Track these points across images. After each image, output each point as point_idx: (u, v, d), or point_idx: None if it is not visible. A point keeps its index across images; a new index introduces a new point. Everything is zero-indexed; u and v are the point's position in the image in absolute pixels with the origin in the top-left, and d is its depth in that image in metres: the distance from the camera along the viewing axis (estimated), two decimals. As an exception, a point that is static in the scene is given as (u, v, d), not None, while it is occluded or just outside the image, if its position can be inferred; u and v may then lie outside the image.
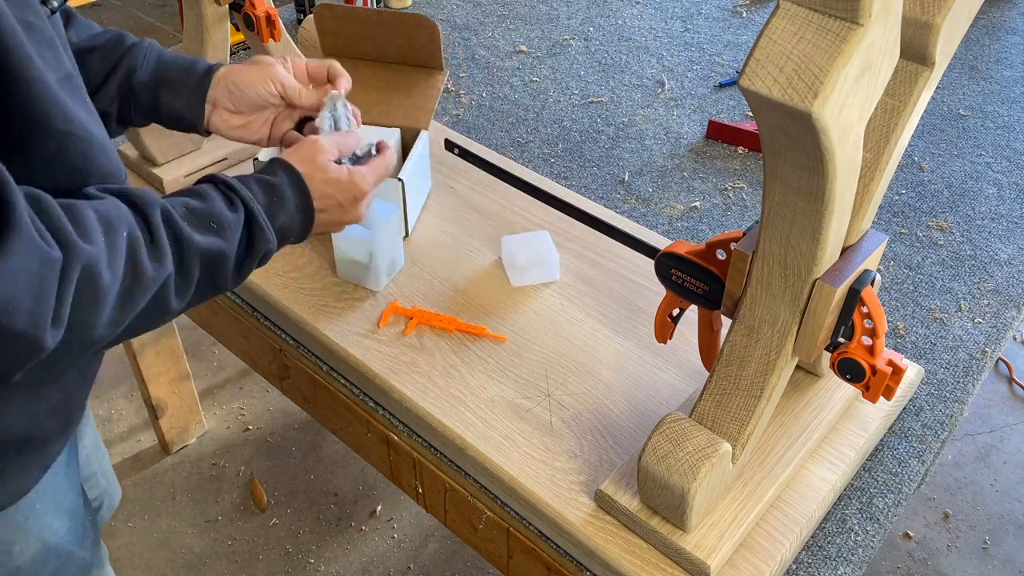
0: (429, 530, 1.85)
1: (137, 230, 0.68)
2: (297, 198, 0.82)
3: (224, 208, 0.75)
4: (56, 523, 0.90)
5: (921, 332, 1.15)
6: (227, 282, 0.76)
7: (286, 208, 0.81)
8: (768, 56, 0.61)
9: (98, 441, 1.13)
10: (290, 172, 0.82)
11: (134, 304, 0.67)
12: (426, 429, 0.98)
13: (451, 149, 1.12)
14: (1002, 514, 1.95)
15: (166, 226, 0.70)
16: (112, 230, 0.65)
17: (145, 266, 0.67)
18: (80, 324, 0.63)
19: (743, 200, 1.38)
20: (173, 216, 0.71)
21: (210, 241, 0.73)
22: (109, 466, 1.17)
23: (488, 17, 1.90)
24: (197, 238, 0.71)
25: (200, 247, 0.72)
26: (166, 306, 0.71)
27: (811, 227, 0.71)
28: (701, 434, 0.80)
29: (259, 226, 0.77)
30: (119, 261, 0.65)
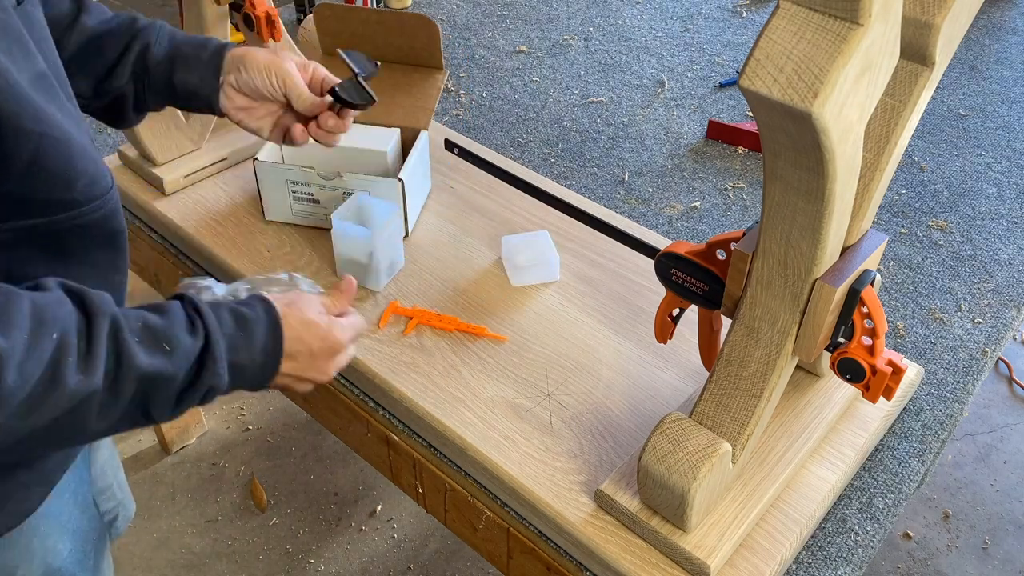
0: (429, 530, 1.85)
1: (72, 335, 0.62)
2: (267, 339, 0.74)
3: (182, 330, 0.69)
4: (60, 545, 0.89)
5: (921, 332, 1.15)
6: (163, 412, 0.69)
7: (251, 347, 0.73)
8: (768, 56, 0.61)
9: (114, 453, 1.12)
10: (268, 310, 0.76)
11: (40, 414, 0.61)
12: (426, 429, 0.98)
13: (451, 149, 1.12)
14: (1002, 514, 1.95)
15: (110, 340, 0.64)
16: (41, 328, 0.60)
17: (66, 376, 0.61)
18: None
19: (743, 200, 1.38)
20: (122, 331, 0.65)
21: (156, 363, 0.66)
22: (124, 478, 1.16)
23: (488, 17, 1.90)
24: (141, 357, 0.65)
25: (141, 368, 0.65)
26: (83, 425, 0.64)
27: (811, 227, 0.71)
28: (701, 434, 0.80)
29: (213, 358, 0.69)
30: (35, 365, 0.59)
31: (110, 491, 1.09)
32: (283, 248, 1.18)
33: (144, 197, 1.27)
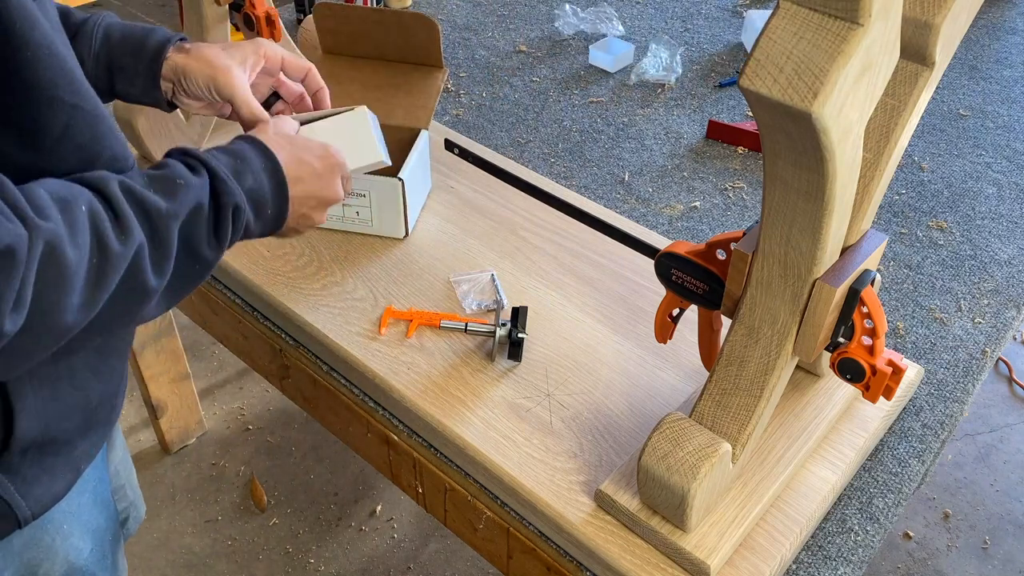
0: (429, 530, 1.85)
1: (97, 204, 0.62)
2: (263, 160, 0.75)
3: (185, 171, 0.70)
4: (81, 543, 0.89)
5: (921, 332, 1.15)
6: (202, 246, 0.69)
7: (252, 169, 0.73)
8: (768, 56, 0.61)
9: (127, 454, 1.12)
10: (250, 139, 0.76)
11: (106, 284, 0.61)
12: (426, 429, 0.98)
13: (451, 149, 1.12)
14: (1002, 514, 1.95)
15: (127, 197, 0.64)
16: (69, 207, 0.60)
17: (111, 240, 0.61)
18: (47, 308, 0.58)
19: (743, 200, 1.38)
20: (133, 186, 0.66)
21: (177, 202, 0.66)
22: (135, 480, 1.16)
23: (488, 17, 1.90)
24: (161, 203, 0.66)
25: (166, 211, 0.66)
26: (143, 284, 0.65)
27: (811, 227, 0.71)
28: (701, 434, 0.80)
29: (221, 180, 0.70)
30: (83, 237, 0.60)
31: (122, 492, 1.09)
32: (283, 248, 1.18)
33: (144, 197, 1.27)
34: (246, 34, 1.34)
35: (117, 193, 0.64)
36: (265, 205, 0.75)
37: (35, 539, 0.83)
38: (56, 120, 0.64)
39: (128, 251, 0.62)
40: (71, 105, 0.64)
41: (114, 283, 0.62)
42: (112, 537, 0.97)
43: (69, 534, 0.87)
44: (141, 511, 1.17)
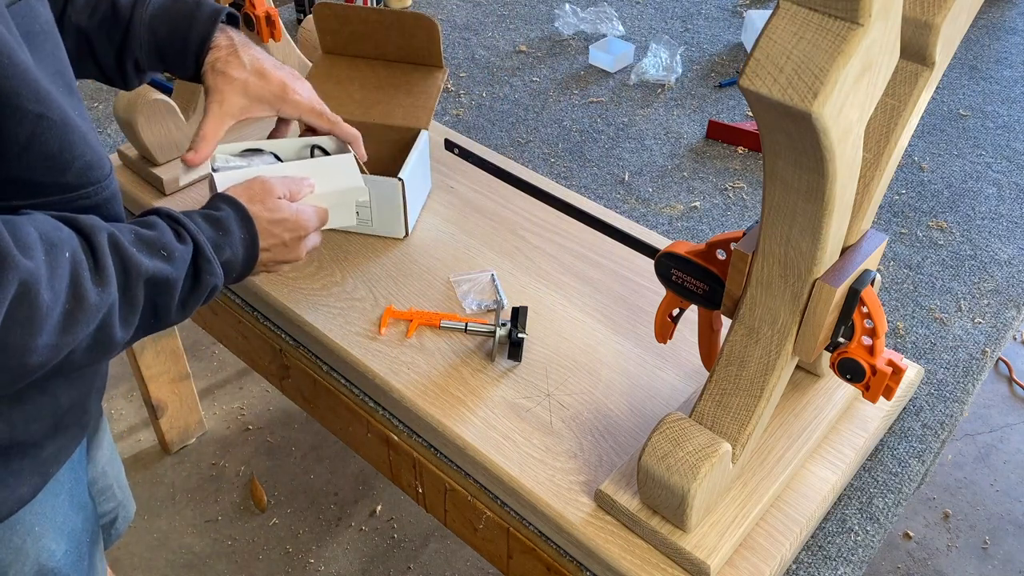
0: (429, 530, 1.85)
1: (80, 253, 0.64)
2: (243, 232, 0.81)
3: (172, 239, 0.73)
4: (54, 545, 0.89)
5: (921, 332, 1.15)
6: (170, 314, 0.73)
7: (231, 243, 0.80)
8: (768, 56, 0.61)
9: (114, 453, 1.12)
10: (237, 207, 0.82)
11: (76, 331, 0.63)
12: (426, 429, 0.98)
13: (451, 149, 1.12)
14: (1002, 514, 1.95)
15: (112, 250, 0.67)
16: (54, 249, 0.62)
17: (88, 290, 0.63)
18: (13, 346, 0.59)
19: (743, 200, 1.38)
20: (120, 241, 0.68)
21: (157, 267, 0.70)
22: (124, 479, 1.15)
23: (488, 17, 1.90)
24: (145, 262, 0.69)
25: (148, 272, 0.69)
26: (110, 337, 0.67)
27: (811, 227, 0.71)
28: (701, 434, 0.80)
29: (206, 259, 0.75)
30: (61, 282, 0.61)
31: (110, 492, 1.09)
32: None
33: (144, 197, 1.27)
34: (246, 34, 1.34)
35: (103, 244, 0.66)
36: (233, 272, 0.81)
37: (4, 540, 0.83)
38: (21, 129, 0.64)
39: (103, 302, 0.65)
40: (36, 115, 0.65)
41: (85, 332, 0.64)
42: (90, 539, 0.96)
43: (41, 535, 0.86)
44: (130, 511, 1.17)
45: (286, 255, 0.88)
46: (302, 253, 0.90)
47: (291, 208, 0.87)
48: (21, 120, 0.64)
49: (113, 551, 1.78)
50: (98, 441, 1.04)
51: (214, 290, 0.77)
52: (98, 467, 1.04)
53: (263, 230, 0.84)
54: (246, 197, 0.84)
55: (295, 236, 0.88)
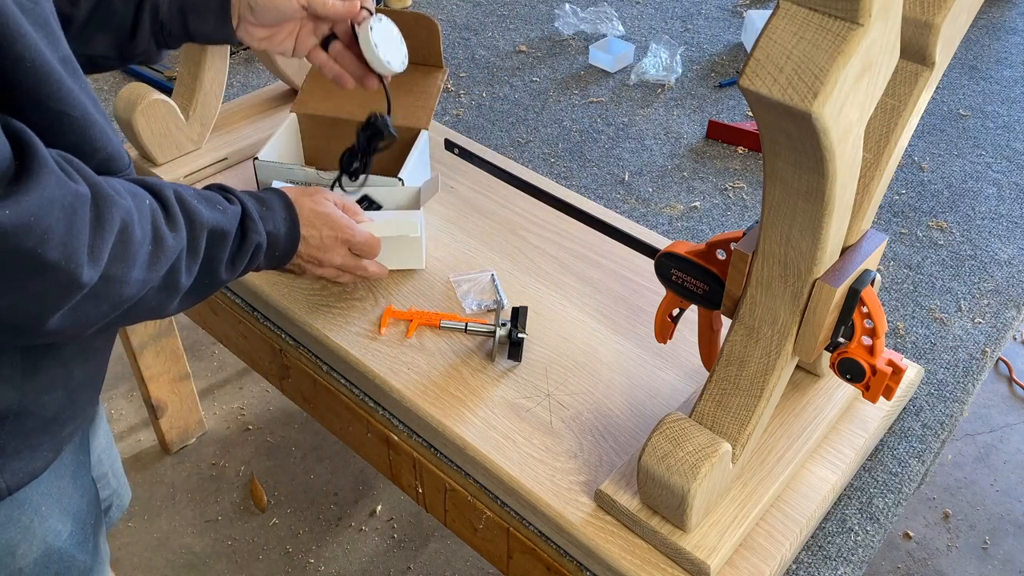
0: (429, 530, 1.85)
1: (155, 202, 0.72)
2: (285, 212, 0.88)
3: (222, 200, 0.81)
4: (60, 526, 0.89)
5: (921, 332, 1.15)
6: (220, 268, 0.80)
7: (274, 217, 0.87)
8: (768, 56, 0.61)
9: (111, 442, 1.12)
10: (281, 194, 0.90)
11: (156, 269, 0.70)
12: (426, 429, 0.98)
13: (451, 149, 1.12)
14: (1002, 514, 1.95)
15: (179, 202, 0.74)
16: (136, 197, 0.69)
17: (165, 234, 0.71)
18: (114, 275, 0.66)
19: (743, 200, 1.38)
20: (184, 195, 0.76)
21: (216, 218, 0.78)
22: (120, 467, 1.16)
23: (488, 17, 1.91)
24: (205, 214, 0.76)
25: (208, 223, 0.76)
26: (177, 281, 0.74)
27: (811, 227, 0.71)
28: (701, 434, 0.80)
29: (251, 219, 0.82)
30: (146, 223, 0.69)
31: (105, 480, 1.10)
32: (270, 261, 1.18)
33: (144, 197, 1.27)
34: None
35: (171, 196, 0.74)
36: (276, 248, 0.88)
37: (12, 518, 0.84)
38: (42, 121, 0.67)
39: (177, 246, 0.72)
40: (56, 112, 0.68)
41: (162, 271, 0.71)
42: (94, 521, 0.97)
43: (47, 515, 0.87)
44: (125, 500, 1.18)
45: (325, 254, 0.94)
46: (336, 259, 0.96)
47: (337, 211, 0.94)
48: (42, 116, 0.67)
49: (113, 551, 1.78)
50: (95, 429, 1.05)
51: (257, 250, 0.83)
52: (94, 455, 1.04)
53: (305, 218, 0.90)
54: (295, 192, 0.92)
55: (335, 236, 0.93)
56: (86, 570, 0.96)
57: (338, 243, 0.96)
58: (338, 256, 0.97)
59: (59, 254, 0.61)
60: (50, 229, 0.60)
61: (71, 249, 0.61)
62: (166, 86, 1.57)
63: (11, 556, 0.85)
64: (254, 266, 0.86)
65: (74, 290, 0.63)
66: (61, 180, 0.61)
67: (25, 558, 0.86)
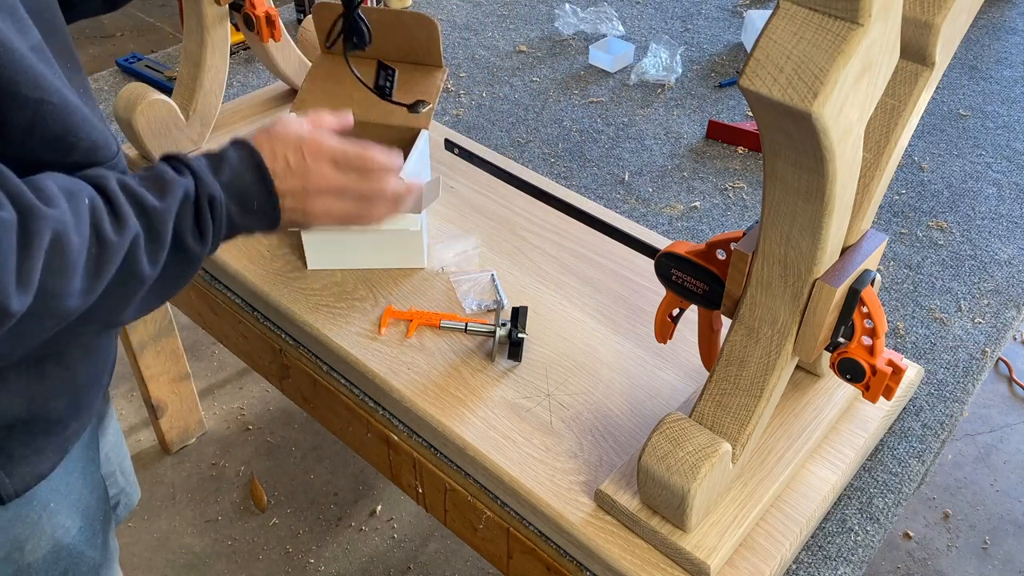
0: (429, 530, 1.85)
1: (97, 198, 0.66)
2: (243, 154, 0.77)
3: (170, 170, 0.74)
4: (69, 522, 0.89)
5: (921, 332, 1.15)
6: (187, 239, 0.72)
7: (230, 164, 0.76)
8: (768, 56, 0.61)
9: (120, 441, 1.12)
10: (235, 141, 0.79)
11: (103, 273, 0.65)
12: (426, 429, 0.98)
13: (451, 149, 1.12)
14: (1002, 514, 1.95)
15: (124, 193, 0.68)
16: (73, 198, 0.64)
17: (108, 232, 0.65)
18: (51, 292, 0.61)
19: (743, 200, 1.38)
20: (129, 184, 0.70)
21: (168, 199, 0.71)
22: (130, 466, 1.16)
23: (488, 17, 1.90)
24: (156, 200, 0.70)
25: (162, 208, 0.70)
26: (138, 272, 0.69)
27: (811, 227, 0.71)
28: (701, 434, 0.80)
29: (199, 177, 0.74)
30: (84, 227, 0.64)
31: (113, 478, 1.10)
32: (283, 248, 1.18)
33: (144, 197, 1.27)
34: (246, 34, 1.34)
35: (116, 191, 0.68)
36: (249, 196, 0.77)
37: (21, 515, 0.84)
38: (22, 115, 0.65)
39: (124, 241, 0.66)
40: (35, 100, 0.66)
41: (111, 272, 0.66)
42: (103, 517, 0.97)
43: (56, 512, 0.87)
44: (134, 498, 1.17)
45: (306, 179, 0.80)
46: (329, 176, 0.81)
47: (295, 126, 0.80)
48: (21, 106, 0.65)
49: (113, 551, 1.79)
50: (104, 427, 1.05)
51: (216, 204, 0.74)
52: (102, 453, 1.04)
53: (267, 152, 0.78)
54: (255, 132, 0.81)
55: (299, 156, 0.79)
56: (95, 566, 0.96)
57: (315, 162, 0.81)
58: (325, 177, 0.81)
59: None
60: None
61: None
62: (166, 86, 1.57)
63: (19, 552, 0.85)
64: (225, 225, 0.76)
65: (5, 319, 0.59)
66: None
67: (33, 554, 0.86)
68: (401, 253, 1.13)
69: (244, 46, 1.71)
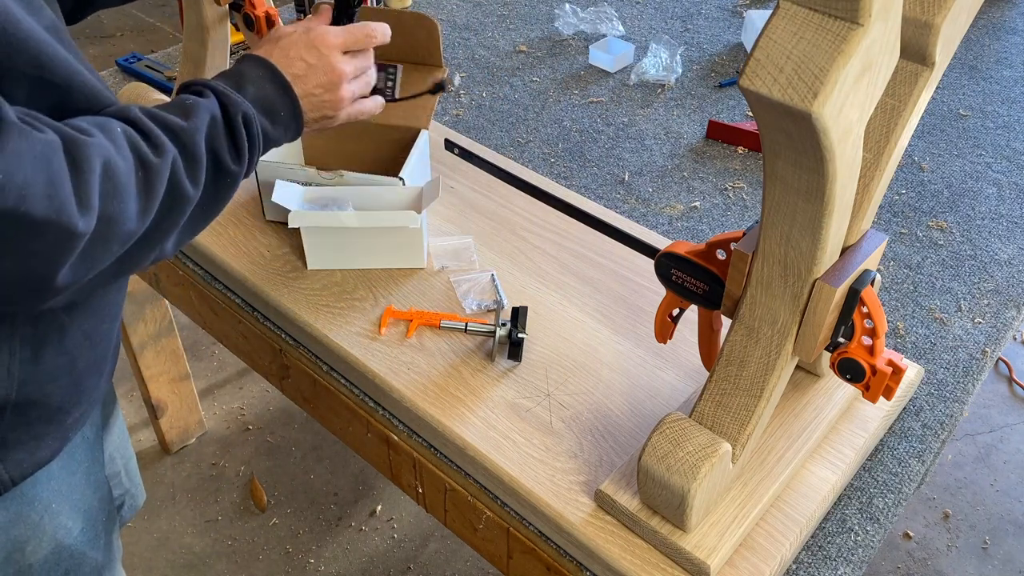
0: (429, 530, 1.85)
1: (128, 127, 0.68)
2: (260, 69, 0.80)
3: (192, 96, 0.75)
4: (71, 523, 0.89)
5: (921, 332, 1.15)
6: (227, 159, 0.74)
7: (251, 79, 0.79)
8: (768, 56, 0.61)
9: (126, 441, 1.12)
10: (247, 56, 0.83)
11: (153, 195, 0.67)
12: (426, 429, 0.98)
13: (451, 149, 1.12)
14: (1002, 514, 1.95)
15: (151, 119, 0.70)
16: (106, 128, 0.65)
17: (148, 155, 0.67)
18: (112, 214, 0.63)
19: (743, 200, 1.38)
20: (153, 110, 0.71)
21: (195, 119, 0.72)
22: (135, 467, 1.16)
23: (488, 17, 1.90)
24: (183, 121, 0.71)
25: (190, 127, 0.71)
26: (183, 192, 0.70)
27: (811, 227, 0.71)
28: (701, 434, 0.80)
29: (225, 95, 0.76)
30: (126, 152, 0.65)
31: (117, 479, 1.10)
32: (283, 248, 1.18)
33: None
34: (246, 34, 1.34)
35: (141, 117, 0.69)
36: (276, 109, 0.80)
37: (21, 515, 0.83)
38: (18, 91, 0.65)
39: (165, 163, 0.68)
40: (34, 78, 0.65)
41: (161, 192, 0.68)
42: (106, 518, 0.97)
43: (58, 512, 0.87)
44: (139, 500, 1.17)
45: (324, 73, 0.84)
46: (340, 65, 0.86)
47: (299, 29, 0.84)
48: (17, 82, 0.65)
49: (113, 551, 1.79)
50: (109, 427, 1.04)
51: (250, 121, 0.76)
52: (106, 453, 1.04)
53: (279, 59, 0.82)
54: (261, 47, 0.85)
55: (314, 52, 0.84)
56: (97, 567, 0.96)
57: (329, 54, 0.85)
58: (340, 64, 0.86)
59: (45, 207, 0.58)
60: (27, 183, 0.57)
61: (58, 201, 0.59)
62: (166, 86, 1.57)
63: (20, 552, 0.85)
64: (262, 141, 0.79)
65: (75, 241, 0.61)
66: (25, 132, 0.58)
67: (35, 555, 0.86)
68: (401, 253, 1.13)
69: (244, 46, 1.71)
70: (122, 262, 0.68)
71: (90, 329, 0.81)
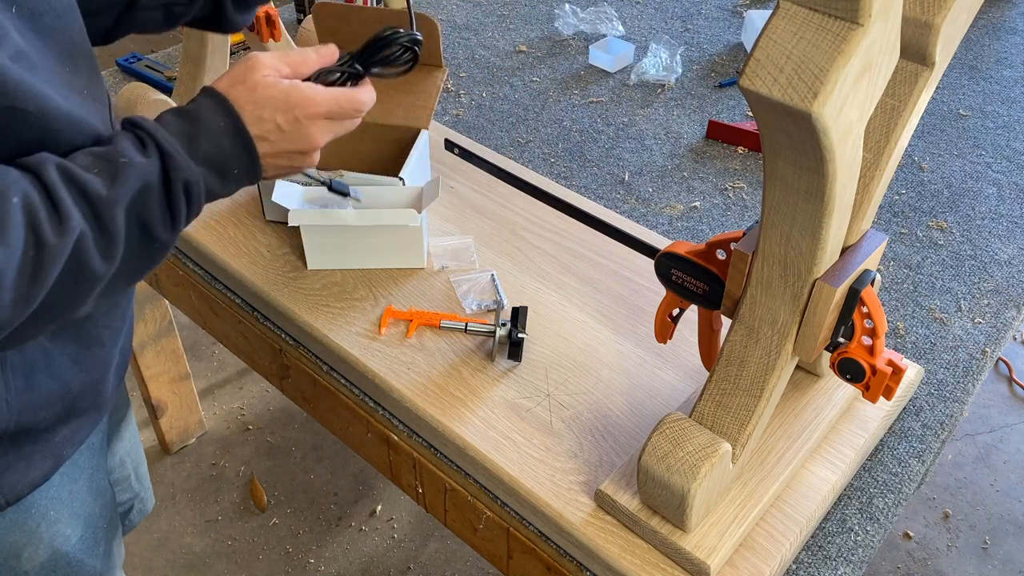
0: (429, 530, 1.85)
1: (33, 193, 0.60)
2: (222, 119, 0.70)
3: (131, 147, 0.66)
4: (69, 530, 0.88)
5: (921, 332, 1.15)
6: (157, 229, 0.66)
7: (207, 130, 0.69)
8: (768, 56, 0.61)
9: (137, 445, 1.11)
10: (210, 94, 0.71)
11: (44, 277, 0.60)
12: (426, 429, 0.98)
13: (451, 149, 1.12)
14: (1002, 514, 1.95)
15: (66, 183, 0.61)
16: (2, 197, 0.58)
17: (47, 233, 0.59)
18: None
19: (743, 200, 1.38)
20: (72, 170, 0.62)
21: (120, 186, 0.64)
22: (145, 472, 1.15)
23: (488, 17, 1.90)
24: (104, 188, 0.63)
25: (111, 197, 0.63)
26: (89, 271, 0.63)
27: (811, 227, 0.71)
28: (701, 434, 0.80)
29: (170, 157, 0.66)
30: (15, 231, 0.58)
31: (126, 483, 1.09)
32: (283, 248, 1.18)
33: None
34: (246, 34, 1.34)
35: (55, 180, 0.61)
36: (230, 166, 0.71)
37: (18, 523, 0.82)
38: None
39: (66, 242, 0.60)
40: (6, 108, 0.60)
41: (53, 275, 0.60)
42: (108, 525, 0.96)
43: (56, 520, 0.86)
44: (148, 504, 1.16)
45: (294, 143, 0.74)
46: (316, 137, 0.75)
47: (281, 85, 0.73)
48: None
49: (113, 551, 1.79)
50: (119, 431, 1.04)
51: (188, 187, 0.67)
52: (116, 457, 1.03)
53: (248, 114, 0.71)
54: (226, 82, 0.72)
55: (290, 118, 0.73)
56: (96, 574, 0.95)
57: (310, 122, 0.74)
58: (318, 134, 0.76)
59: None
60: None
61: None
62: (166, 86, 1.57)
63: (16, 560, 0.84)
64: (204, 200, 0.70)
65: None
66: None
67: (31, 562, 0.85)
68: (401, 253, 1.13)
69: (244, 46, 1.71)
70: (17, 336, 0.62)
71: (76, 355, 0.78)
